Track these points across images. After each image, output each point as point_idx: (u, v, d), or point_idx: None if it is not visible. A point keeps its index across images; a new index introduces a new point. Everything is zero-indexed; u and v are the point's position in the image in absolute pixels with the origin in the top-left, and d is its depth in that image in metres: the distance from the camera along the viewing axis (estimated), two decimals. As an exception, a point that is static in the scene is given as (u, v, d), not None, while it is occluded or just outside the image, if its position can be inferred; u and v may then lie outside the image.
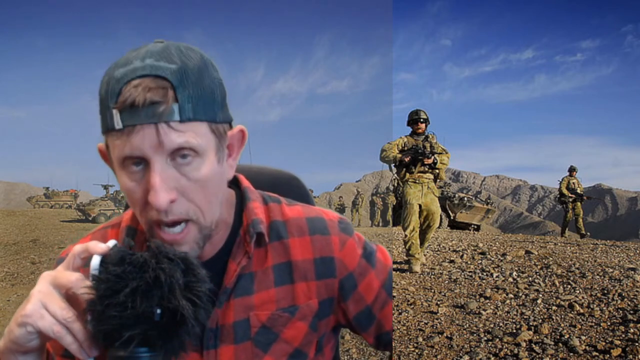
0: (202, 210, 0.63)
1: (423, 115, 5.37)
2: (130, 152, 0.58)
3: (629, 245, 7.28)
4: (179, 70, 0.58)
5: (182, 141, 0.58)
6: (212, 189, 0.64)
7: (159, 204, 0.58)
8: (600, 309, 3.37)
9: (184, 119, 0.58)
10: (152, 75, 0.57)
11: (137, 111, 0.57)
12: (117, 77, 0.58)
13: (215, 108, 0.62)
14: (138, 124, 0.57)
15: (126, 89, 0.57)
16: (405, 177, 5.24)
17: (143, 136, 0.57)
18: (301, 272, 0.74)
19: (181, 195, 0.61)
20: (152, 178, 0.58)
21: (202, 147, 0.61)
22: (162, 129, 0.57)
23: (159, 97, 0.57)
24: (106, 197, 22.40)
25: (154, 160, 0.58)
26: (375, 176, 68.70)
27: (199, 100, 0.60)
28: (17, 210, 24.43)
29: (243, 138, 0.71)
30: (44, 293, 0.56)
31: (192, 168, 0.61)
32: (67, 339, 0.55)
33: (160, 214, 0.60)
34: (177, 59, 0.59)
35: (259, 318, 0.71)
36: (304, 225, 0.76)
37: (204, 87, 0.60)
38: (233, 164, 0.70)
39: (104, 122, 0.60)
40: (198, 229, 0.64)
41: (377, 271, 0.78)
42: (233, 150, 0.70)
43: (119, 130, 0.58)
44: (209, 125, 0.62)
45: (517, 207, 67.81)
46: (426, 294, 4.11)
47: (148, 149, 0.58)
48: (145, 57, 0.59)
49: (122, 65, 0.59)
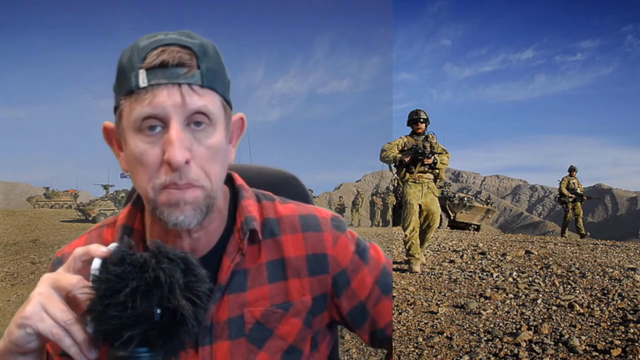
0: (210, 179, 0.65)
1: (423, 115, 5.37)
2: (153, 111, 0.60)
3: (629, 245, 7.29)
4: (201, 45, 0.64)
5: (202, 105, 0.62)
6: (220, 161, 0.66)
7: (176, 159, 0.60)
8: (600, 309, 3.37)
9: (205, 85, 0.63)
10: (177, 44, 0.62)
11: (163, 71, 0.60)
12: (142, 45, 0.62)
13: (226, 88, 0.67)
14: (163, 83, 0.60)
15: (153, 53, 0.61)
16: (405, 177, 5.24)
17: (167, 95, 0.60)
18: (294, 269, 0.74)
19: (193, 159, 0.62)
20: (172, 135, 0.60)
21: (216, 116, 0.64)
22: (185, 90, 0.61)
23: (186, 60, 0.61)
24: (106, 197, 22.40)
25: (174, 120, 0.61)
26: (375, 176, 68.73)
27: (216, 74, 0.64)
28: (17, 210, 24.44)
29: (242, 126, 0.74)
30: (44, 295, 0.56)
31: (205, 135, 0.63)
32: (66, 342, 0.55)
33: (174, 176, 0.61)
34: (198, 39, 0.64)
35: (253, 314, 0.72)
36: (296, 222, 0.77)
37: (219, 66, 0.66)
38: (233, 150, 0.73)
39: (124, 85, 0.62)
40: (204, 195, 0.64)
41: (370, 267, 0.79)
42: (233, 136, 0.73)
43: (144, 89, 0.60)
44: (222, 101, 0.66)
45: (517, 207, 67.83)
46: (426, 294, 4.11)
47: (170, 107, 0.60)
48: (168, 34, 0.63)
49: (146, 39, 0.63)
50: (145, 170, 0.62)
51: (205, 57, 0.63)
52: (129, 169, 0.65)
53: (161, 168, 0.62)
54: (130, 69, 0.61)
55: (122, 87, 0.63)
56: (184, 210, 0.63)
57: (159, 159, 0.61)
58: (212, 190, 0.65)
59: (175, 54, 0.61)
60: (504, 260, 5.51)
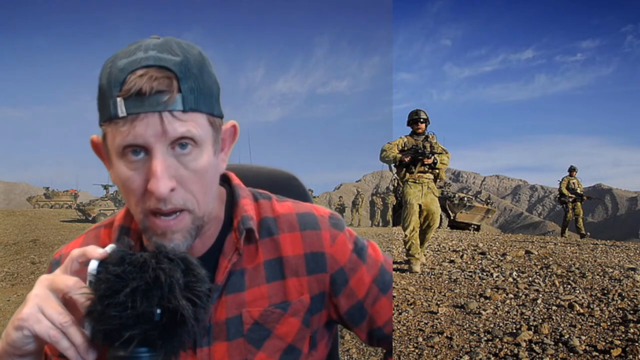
0: (198, 201, 0.64)
1: (423, 115, 5.37)
2: (133, 140, 0.59)
3: (629, 245, 7.28)
4: (182, 63, 0.60)
5: (185, 130, 0.60)
6: (209, 180, 0.65)
7: (159, 191, 0.59)
8: (600, 309, 3.37)
9: (187, 109, 0.60)
10: (156, 65, 0.59)
11: (142, 100, 0.58)
12: (120, 66, 0.59)
13: (213, 101, 0.64)
14: (142, 112, 0.58)
15: (131, 78, 0.58)
16: (405, 177, 5.24)
17: (147, 124, 0.58)
18: (292, 268, 0.74)
19: (179, 184, 0.62)
20: (154, 166, 0.59)
21: (201, 138, 0.62)
22: (165, 117, 0.59)
23: (164, 87, 0.58)
24: (106, 197, 22.39)
25: (156, 149, 0.59)
26: (375, 176, 68.71)
27: (200, 92, 0.61)
28: (17, 210, 24.44)
29: (235, 133, 0.72)
30: (41, 297, 0.56)
31: (191, 158, 0.62)
32: (63, 344, 0.54)
33: (159, 203, 0.61)
34: (179, 52, 0.61)
35: (251, 314, 0.71)
36: (294, 221, 0.76)
37: (204, 80, 0.62)
38: (225, 158, 0.72)
39: (104, 111, 0.61)
40: (191, 219, 0.64)
41: (368, 266, 0.79)
42: (225, 145, 0.71)
43: (122, 118, 0.59)
44: (208, 118, 0.63)
45: (517, 207, 67.82)
46: (426, 294, 4.11)
47: (151, 137, 0.59)
48: (148, 49, 0.61)
49: (125, 57, 0.60)
50: (131, 194, 0.62)
51: (187, 76, 0.60)
52: (118, 186, 0.65)
53: (146, 194, 0.61)
54: (109, 95, 0.59)
55: (103, 112, 0.61)
56: (172, 239, 0.63)
57: (144, 186, 0.61)
58: (199, 212, 0.65)
59: (152, 82, 0.58)
60: (504, 260, 5.51)
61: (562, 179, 11.16)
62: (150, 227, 0.63)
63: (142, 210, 0.63)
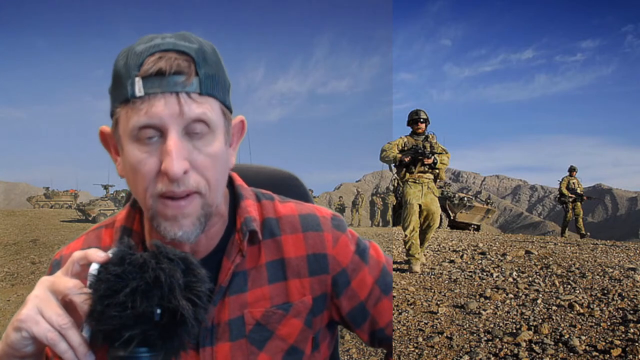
0: (210, 186, 0.64)
1: (423, 115, 5.37)
2: (149, 120, 0.59)
3: (629, 245, 7.28)
4: (199, 50, 0.62)
5: (200, 112, 0.60)
6: (220, 168, 0.65)
7: (174, 170, 0.59)
8: (600, 309, 3.37)
9: (204, 92, 0.61)
10: (174, 50, 0.60)
11: (160, 80, 0.59)
12: (138, 51, 0.60)
13: (226, 92, 0.65)
14: (160, 92, 0.59)
15: (150, 60, 0.59)
16: (405, 177, 5.24)
17: (164, 104, 0.59)
18: (294, 269, 0.74)
19: (193, 168, 0.62)
20: (169, 146, 0.59)
21: (215, 123, 0.63)
22: (183, 98, 0.59)
23: (183, 68, 0.59)
24: (106, 197, 22.37)
25: (171, 129, 0.59)
26: (375, 176, 68.70)
27: (215, 79, 0.63)
28: (17, 210, 24.43)
29: (243, 129, 0.73)
30: (40, 298, 0.56)
31: (204, 142, 0.62)
32: (61, 346, 0.54)
33: (172, 185, 0.60)
34: (196, 42, 0.62)
35: (253, 315, 0.71)
36: (296, 222, 0.76)
37: (218, 70, 0.64)
38: (233, 153, 0.72)
39: (120, 93, 0.61)
40: (202, 204, 0.64)
41: (370, 267, 0.79)
42: (234, 140, 0.71)
43: (140, 97, 0.59)
44: (221, 106, 0.64)
45: (517, 207, 67.78)
46: (426, 294, 4.11)
47: (168, 117, 0.59)
48: (165, 37, 0.62)
49: (143, 43, 0.61)
50: (142, 178, 0.61)
51: (204, 62, 0.61)
52: (126, 175, 0.64)
53: (158, 177, 0.61)
54: (127, 76, 0.60)
55: (118, 94, 0.61)
56: (182, 226, 0.62)
57: (156, 168, 0.60)
58: (210, 197, 0.64)
59: (172, 62, 0.59)
60: (504, 260, 5.51)
61: (562, 179, 11.16)
62: (160, 211, 0.62)
63: (152, 195, 0.62)
